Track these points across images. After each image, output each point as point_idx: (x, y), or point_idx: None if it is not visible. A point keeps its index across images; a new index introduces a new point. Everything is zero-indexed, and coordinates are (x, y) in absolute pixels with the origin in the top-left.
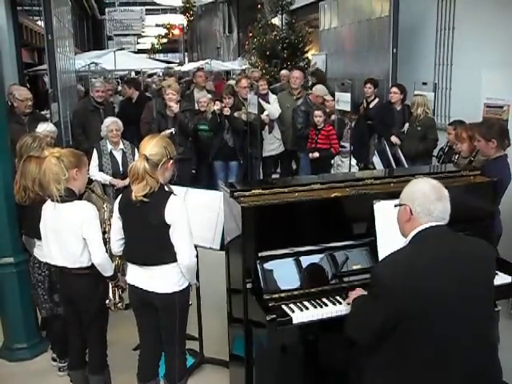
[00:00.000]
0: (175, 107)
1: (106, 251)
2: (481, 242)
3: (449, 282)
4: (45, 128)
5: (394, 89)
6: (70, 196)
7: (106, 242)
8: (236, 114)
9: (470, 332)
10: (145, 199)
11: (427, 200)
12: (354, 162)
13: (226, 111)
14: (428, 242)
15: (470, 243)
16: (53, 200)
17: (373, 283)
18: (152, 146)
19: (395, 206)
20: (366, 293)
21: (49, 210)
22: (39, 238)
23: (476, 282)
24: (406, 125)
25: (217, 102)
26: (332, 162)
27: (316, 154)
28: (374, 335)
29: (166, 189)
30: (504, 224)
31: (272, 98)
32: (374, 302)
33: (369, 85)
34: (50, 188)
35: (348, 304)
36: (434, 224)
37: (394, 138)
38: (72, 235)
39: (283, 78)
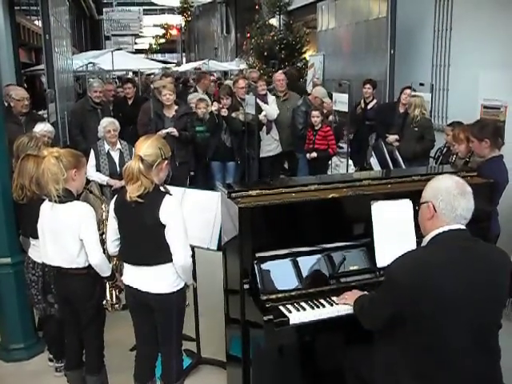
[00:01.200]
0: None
1: (104, 252)
2: (497, 249)
3: (460, 286)
4: (42, 128)
5: (408, 91)
6: (67, 196)
7: (104, 242)
8: (233, 115)
9: (472, 337)
10: (139, 199)
11: (450, 195)
12: (351, 162)
13: (224, 112)
14: (445, 245)
15: (487, 250)
16: (51, 200)
17: (385, 279)
18: (147, 147)
19: (419, 205)
20: (363, 293)
21: (46, 210)
22: (35, 237)
23: (488, 287)
24: None
25: (214, 103)
26: (330, 162)
27: (314, 155)
28: (385, 324)
29: (162, 189)
30: (501, 225)
31: (271, 98)
32: (386, 295)
33: (368, 85)
34: (48, 188)
35: (338, 303)
36: (454, 227)
37: (391, 138)
38: (69, 236)
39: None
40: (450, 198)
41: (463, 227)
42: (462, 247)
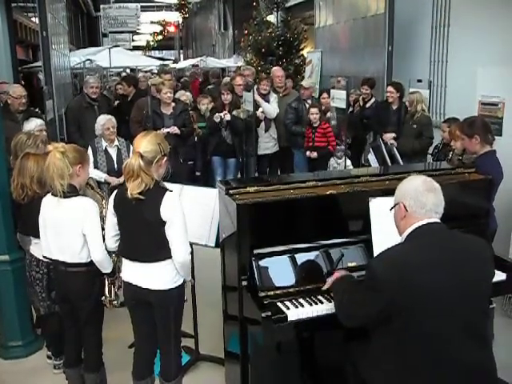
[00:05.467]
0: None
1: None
2: (477, 239)
3: (443, 279)
4: (37, 124)
5: (390, 88)
6: (72, 192)
7: (104, 238)
8: (235, 113)
9: (464, 329)
10: (140, 196)
11: (418, 192)
12: (349, 162)
13: (228, 117)
14: (423, 239)
15: (467, 241)
16: (55, 195)
17: (368, 276)
18: (146, 143)
19: (390, 209)
20: (344, 273)
21: (50, 204)
22: (37, 236)
23: (471, 279)
24: None
25: (216, 115)
26: (328, 162)
27: (314, 154)
28: (367, 322)
29: (161, 185)
30: (499, 220)
31: (273, 97)
32: (368, 294)
33: (365, 87)
34: (53, 183)
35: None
36: (429, 221)
37: (387, 136)
38: (72, 231)
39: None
40: (418, 195)
41: (437, 220)
42: (438, 241)
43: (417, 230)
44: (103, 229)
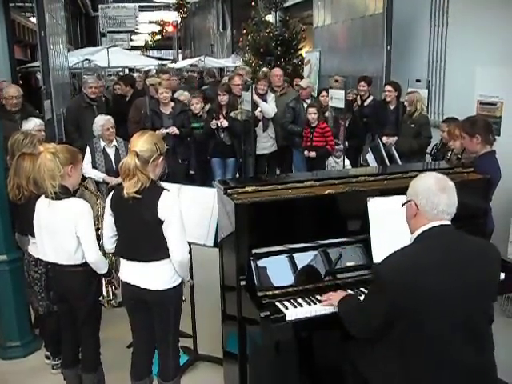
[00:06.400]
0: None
1: (100, 248)
2: (484, 241)
3: (448, 281)
4: (36, 123)
5: (388, 87)
6: (64, 193)
7: (100, 238)
8: (232, 115)
9: (465, 330)
10: (137, 195)
11: (431, 192)
12: (347, 162)
13: (225, 124)
14: (432, 242)
15: (474, 242)
16: (47, 196)
17: (374, 279)
18: (142, 143)
19: (402, 204)
20: (347, 293)
21: (43, 206)
22: (35, 235)
23: (474, 280)
24: None
25: (213, 122)
26: (327, 162)
27: (313, 154)
28: (377, 329)
29: (158, 185)
30: (496, 221)
31: (270, 96)
32: (375, 298)
33: (362, 83)
34: (44, 184)
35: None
36: (439, 223)
37: (385, 139)
38: (66, 233)
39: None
40: (430, 195)
41: (447, 222)
42: (447, 244)
43: (426, 232)
44: (98, 229)
